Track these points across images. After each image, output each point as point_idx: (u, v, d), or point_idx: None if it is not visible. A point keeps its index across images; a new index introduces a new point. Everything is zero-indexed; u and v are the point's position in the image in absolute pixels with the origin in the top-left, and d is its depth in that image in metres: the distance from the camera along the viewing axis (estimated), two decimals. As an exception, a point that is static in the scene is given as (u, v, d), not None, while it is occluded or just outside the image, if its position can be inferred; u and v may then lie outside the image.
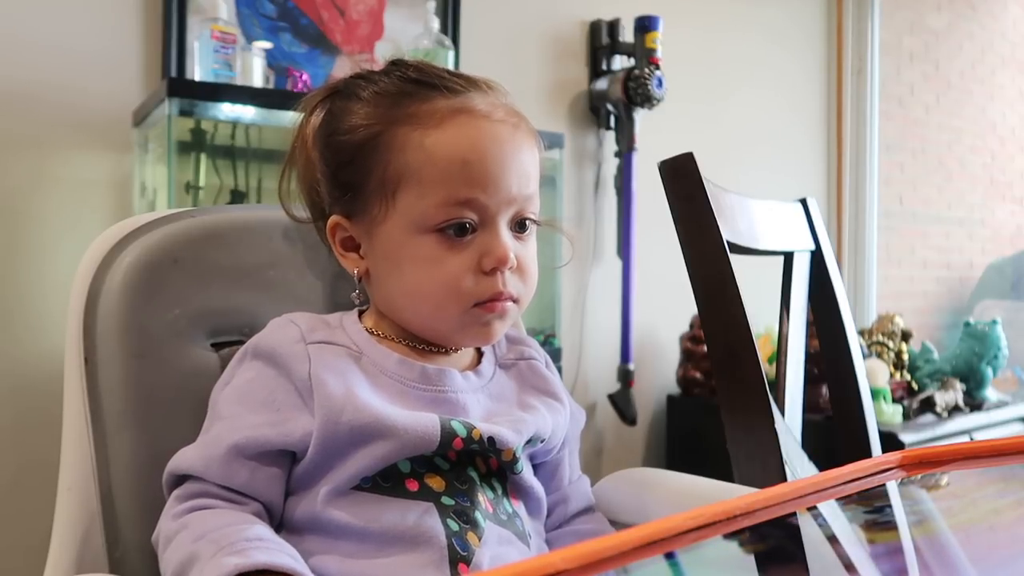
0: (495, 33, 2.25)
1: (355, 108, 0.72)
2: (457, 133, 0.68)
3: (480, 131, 0.69)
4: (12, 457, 1.63)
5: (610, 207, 2.43)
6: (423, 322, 0.72)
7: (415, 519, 0.64)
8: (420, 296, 0.70)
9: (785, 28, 2.95)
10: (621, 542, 0.38)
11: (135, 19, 1.75)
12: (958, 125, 3.61)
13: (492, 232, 0.69)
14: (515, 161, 0.70)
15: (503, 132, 0.70)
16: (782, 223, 1.13)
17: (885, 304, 3.15)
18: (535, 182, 0.73)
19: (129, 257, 0.73)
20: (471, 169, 0.68)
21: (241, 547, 0.57)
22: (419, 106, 0.70)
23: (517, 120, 0.72)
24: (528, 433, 0.71)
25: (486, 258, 0.68)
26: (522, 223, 0.72)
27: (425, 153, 0.68)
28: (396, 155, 0.69)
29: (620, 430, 2.45)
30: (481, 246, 0.69)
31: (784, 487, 0.48)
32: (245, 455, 0.64)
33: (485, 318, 0.70)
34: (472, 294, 0.69)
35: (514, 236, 0.71)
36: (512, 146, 0.70)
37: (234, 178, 1.74)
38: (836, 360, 1.18)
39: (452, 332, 0.72)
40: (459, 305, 0.69)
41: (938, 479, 0.63)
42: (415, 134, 0.69)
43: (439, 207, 0.68)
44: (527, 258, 0.72)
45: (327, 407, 0.65)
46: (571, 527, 0.79)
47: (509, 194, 0.69)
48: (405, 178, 0.69)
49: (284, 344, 0.68)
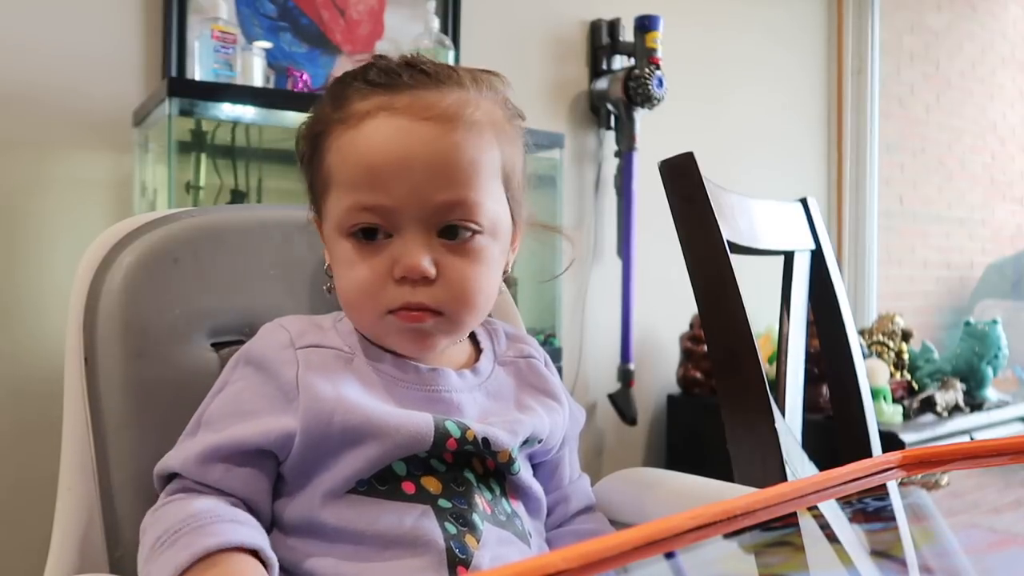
0: (495, 33, 2.25)
1: (319, 107, 0.72)
2: (369, 134, 0.66)
3: (394, 130, 0.65)
4: (12, 457, 1.63)
5: (610, 207, 2.43)
6: (356, 324, 0.71)
7: (412, 522, 0.64)
8: (344, 298, 0.70)
9: (785, 28, 2.95)
10: (621, 542, 0.38)
11: (135, 19, 1.75)
12: (958, 125, 3.62)
13: (404, 239, 0.66)
14: (435, 163, 0.65)
15: (425, 131, 0.65)
16: (782, 223, 1.13)
17: (885, 304, 3.15)
18: (470, 185, 0.66)
19: (129, 257, 0.73)
20: (373, 172, 0.65)
21: (199, 532, 0.58)
22: (349, 106, 0.67)
23: (456, 117, 0.66)
24: (524, 434, 0.71)
25: (396, 266, 0.66)
26: (451, 230, 0.67)
27: (340, 155, 0.67)
28: (326, 155, 0.69)
29: (620, 430, 2.45)
30: (394, 252, 0.66)
31: (784, 487, 0.48)
32: (219, 456, 0.64)
33: (402, 326, 0.67)
34: (384, 301, 0.67)
35: (442, 244, 0.67)
36: (438, 146, 0.65)
37: (234, 178, 1.74)
38: (836, 360, 1.18)
39: (381, 337, 0.70)
40: (373, 311, 0.68)
41: (938, 479, 0.63)
42: (336, 135, 0.68)
43: (348, 211, 0.66)
44: (457, 270, 0.67)
45: (315, 409, 0.64)
46: (571, 526, 0.79)
47: (422, 198, 0.65)
48: (329, 180, 0.68)
49: (272, 349, 0.68)
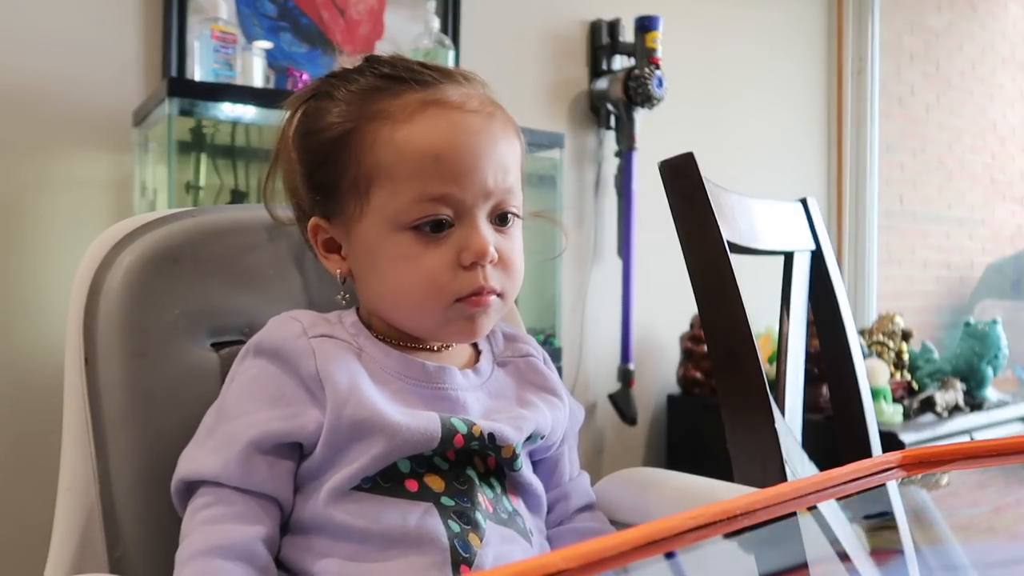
0: (495, 33, 2.25)
1: (329, 107, 0.71)
2: (428, 126, 0.67)
3: (452, 123, 0.67)
4: (12, 457, 1.63)
5: (610, 207, 2.43)
6: (407, 320, 0.71)
7: (416, 520, 0.64)
8: (400, 294, 0.69)
9: (785, 28, 2.95)
10: (621, 542, 0.38)
11: (135, 19, 1.75)
12: (958, 125, 3.62)
13: (470, 226, 0.67)
14: (490, 152, 0.68)
15: (476, 122, 0.68)
16: (782, 223, 1.13)
17: (885, 304, 3.15)
18: (514, 174, 0.71)
19: (129, 257, 0.73)
20: (443, 163, 0.66)
21: None
22: (390, 101, 0.68)
23: (492, 109, 0.70)
24: (528, 430, 0.71)
25: (465, 253, 0.67)
26: (503, 216, 0.70)
27: (396, 148, 0.67)
28: (368, 152, 0.68)
29: (620, 430, 2.45)
30: (459, 241, 0.67)
31: (784, 487, 0.48)
32: (262, 450, 0.64)
33: (469, 312, 0.69)
34: (452, 290, 0.68)
35: (495, 230, 0.69)
36: (487, 136, 0.68)
37: (234, 178, 1.74)
38: (836, 360, 1.18)
39: (436, 328, 0.71)
40: (440, 301, 0.68)
41: (938, 479, 0.63)
42: (385, 129, 0.68)
43: (412, 204, 0.67)
44: (510, 252, 0.70)
45: (335, 400, 0.65)
46: (572, 524, 0.79)
47: (485, 187, 0.67)
48: (378, 175, 0.68)
49: (288, 340, 0.68)
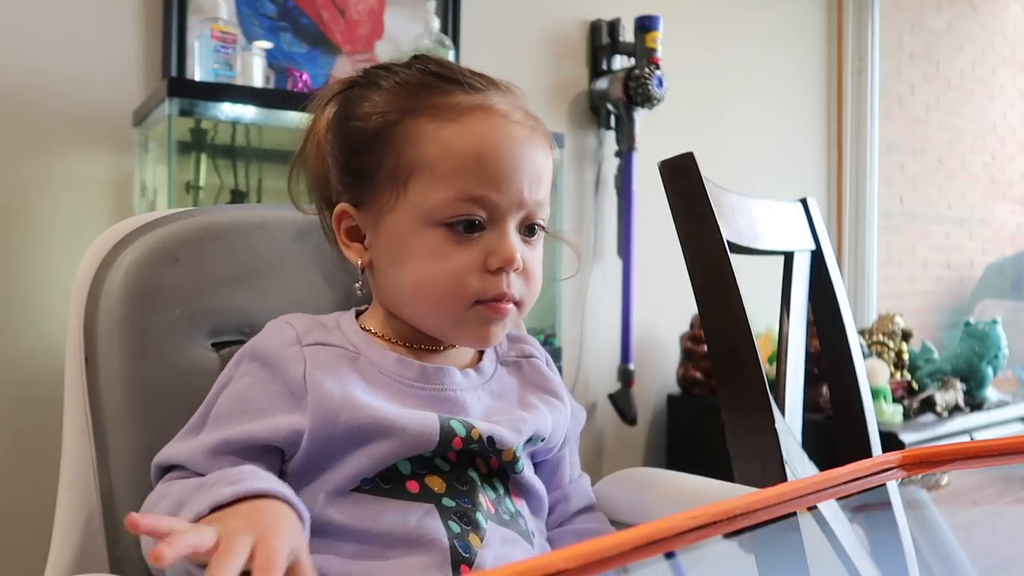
0: (495, 33, 2.25)
1: (373, 96, 0.71)
2: (475, 128, 0.68)
3: (498, 129, 0.69)
4: (12, 456, 1.63)
5: (610, 207, 2.43)
6: (423, 317, 0.71)
7: (416, 521, 0.64)
8: (422, 289, 0.69)
9: (785, 29, 2.95)
10: (621, 542, 0.38)
11: (135, 19, 1.75)
12: (958, 125, 3.62)
13: (500, 232, 0.68)
14: (529, 164, 0.69)
15: (520, 133, 0.69)
16: (782, 223, 1.13)
17: (885, 304, 3.15)
18: (547, 188, 0.72)
19: (129, 257, 0.73)
20: (486, 166, 0.67)
21: (234, 479, 0.57)
22: (438, 98, 0.69)
23: (535, 123, 0.72)
24: (528, 432, 0.71)
25: (492, 257, 0.68)
26: (531, 228, 0.71)
27: (441, 145, 0.68)
28: (411, 145, 0.69)
29: (620, 430, 2.45)
30: (488, 245, 0.68)
31: (784, 487, 0.48)
32: (228, 448, 0.64)
33: (487, 317, 0.69)
34: (475, 291, 0.68)
35: (522, 239, 0.70)
36: (528, 148, 0.69)
37: (234, 178, 1.74)
38: (836, 360, 1.18)
39: (451, 329, 0.71)
40: (460, 302, 0.68)
41: (938, 479, 0.63)
42: (432, 125, 0.68)
43: (451, 201, 0.67)
44: (532, 263, 0.71)
45: (323, 407, 0.65)
46: (572, 526, 0.79)
47: (520, 196, 0.68)
48: (418, 169, 0.68)
49: (279, 347, 0.68)
